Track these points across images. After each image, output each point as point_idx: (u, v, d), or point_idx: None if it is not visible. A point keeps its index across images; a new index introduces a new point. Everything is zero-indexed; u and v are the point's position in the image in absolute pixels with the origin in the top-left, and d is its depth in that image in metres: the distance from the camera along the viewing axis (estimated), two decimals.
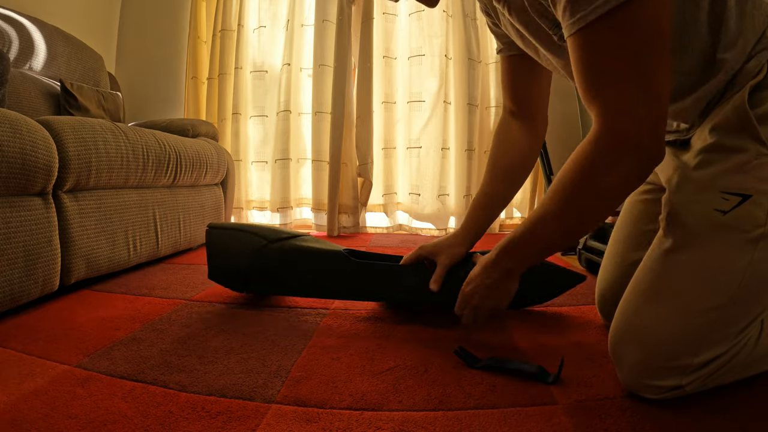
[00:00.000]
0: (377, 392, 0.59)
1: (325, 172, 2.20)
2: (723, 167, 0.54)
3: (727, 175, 0.53)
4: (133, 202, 1.28)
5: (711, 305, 0.53)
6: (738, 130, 0.54)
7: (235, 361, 0.68)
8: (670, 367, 0.54)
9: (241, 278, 0.97)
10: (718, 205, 0.53)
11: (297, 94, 2.29)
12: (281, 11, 2.31)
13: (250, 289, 0.99)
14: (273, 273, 0.94)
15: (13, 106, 1.43)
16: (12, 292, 0.86)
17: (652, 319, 0.55)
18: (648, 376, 0.55)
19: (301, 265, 0.92)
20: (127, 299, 1.02)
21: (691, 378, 0.54)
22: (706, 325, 0.53)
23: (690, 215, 0.55)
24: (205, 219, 1.72)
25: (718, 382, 0.56)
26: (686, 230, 0.55)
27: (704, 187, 0.55)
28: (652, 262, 0.58)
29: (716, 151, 0.55)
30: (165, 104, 2.47)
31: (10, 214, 0.86)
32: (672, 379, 0.54)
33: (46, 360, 0.68)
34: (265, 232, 0.96)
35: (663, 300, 0.55)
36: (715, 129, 0.56)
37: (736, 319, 0.53)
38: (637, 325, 0.56)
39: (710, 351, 0.53)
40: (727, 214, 0.52)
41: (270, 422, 0.52)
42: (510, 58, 0.82)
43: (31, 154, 0.88)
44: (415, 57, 2.22)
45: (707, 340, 0.53)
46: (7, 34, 1.57)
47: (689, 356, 0.53)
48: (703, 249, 0.54)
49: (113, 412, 0.53)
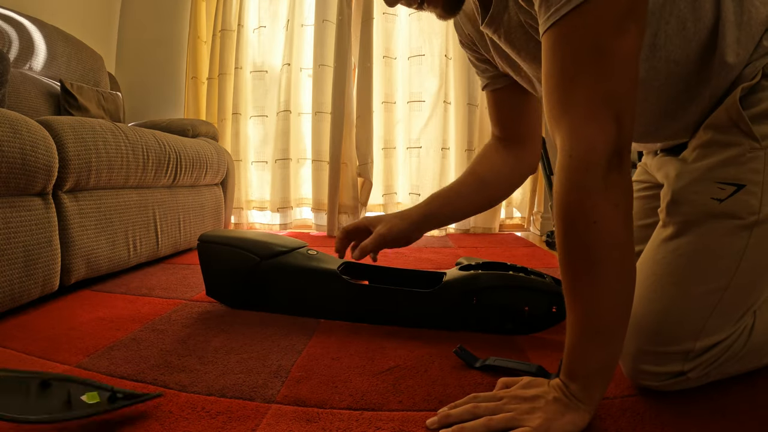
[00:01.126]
0: (377, 392, 0.59)
1: (325, 172, 2.20)
2: (718, 159, 0.56)
3: (722, 166, 0.55)
4: (133, 202, 1.28)
5: (710, 288, 0.54)
6: (731, 128, 0.55)
7: (235, 361, 0.68)
8: (671, 352, 0.54)
9: (239, 297, 0.94)
10: (715, 194, 0.55)
11: (297, 94, 2.29)
12: (281, 11, 2.31)
13: (251, 307, 0.94)
14: (267, 292, 0.92)
15: (13, 106, 1.43)
16: (12, 292, 0.86)
17: (653, 305, 0.56)
18: (649, 361, 0.55)
19: (293, 284, 0.90)
20: (127, 299, 1.02)
21: (694, 364, 0.54)
22: (706, 309, 0.54)
23: (688, 204, 0.57)
24: (206, 219, 1.72)
25: (719, 372, 0.56)
26: (685, 218, 0.57)
27: (701, 178, 0.56)
28: (652, 251, 0.59)
29: (711, 146, 0.57)
30: (165, 104, 2.47)
31: (10, 214, 0.86)
32: (674, 365, 0.54)
33: (46, 360, 0.68)
34: (259, 247, 0.92)
35: (663, 285, 0.56)
36: (709, 127, 0.58)
37: (735, 305, 0.54)
38: (638, 313, 0.56)
39: (711, 336, 0.54)
40: (723, 203, 0.54)
41: (270, 422, 0.52)
42: (497, 93, 0.81)
43: (31, 154, 0.88)
44: (415, 57, 2.22)
45: (708, 325, 0.54)
46: (7, 34, 1.57)
47: (690, 340, 0.54)
48: (701, 235, 0.55)
49: (113, 412, 0.53)
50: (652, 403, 0.55)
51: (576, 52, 0.45)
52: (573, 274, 0.48)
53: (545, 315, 0.79)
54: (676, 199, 0.58)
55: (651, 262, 0.59)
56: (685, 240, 0.56)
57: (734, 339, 0.55)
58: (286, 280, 0.90)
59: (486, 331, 0.81)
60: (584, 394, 0.48)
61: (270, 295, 0.92)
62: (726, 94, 0.57)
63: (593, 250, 0.46)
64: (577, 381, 0.48)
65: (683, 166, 0.59)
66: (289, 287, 0.90)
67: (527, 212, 2.33)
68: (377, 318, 0.86)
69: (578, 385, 0.48)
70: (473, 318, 0.81)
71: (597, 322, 0.47)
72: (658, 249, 0.59)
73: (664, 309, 0.55)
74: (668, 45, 0.55)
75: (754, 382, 0.59)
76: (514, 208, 2.41)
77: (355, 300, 0.86)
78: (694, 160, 0.58)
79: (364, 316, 0.87)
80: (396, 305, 0.84)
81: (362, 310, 0.86)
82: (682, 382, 0.55)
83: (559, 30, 0.46)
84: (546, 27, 0.47)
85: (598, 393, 0.49)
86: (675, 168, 0.60)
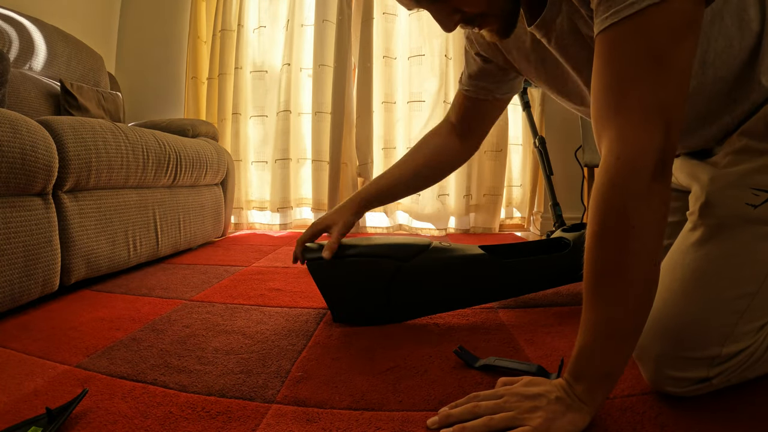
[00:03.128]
0: (377, 392, 0.59)
1: (325, 172, 2.20)
2: (753, 166, 0.56)
3: (757, 173, 0.55)
4: (133, 202, 1.28)
5: (740, 293, 0.53)
6: (766, 136, 0.55)
7: (235, 361, 0.68)
8: (697, 357, 0.53)
9: (381, 311, 0.85)
10: (749, 200, 0.54)
11: (297, 94, 2.29)
12: (281, 11, 2.31)
13: (392, 320, 0.86)
14: (410, 296, 0.85)
15: (13, 106, 1.43)
16: (12, 292, 0.86)
17: (680, 309, 0.55)
18: (674, 367, 0.54)
19: (442, 279, 0.85)
20: (127, 299, 1.02)
21: (719, 370, 0.54)
22: (734, 315, 0.53)
23: (722, 207, 0.56)
24: (206, 219, 1.72)
25: (740, 378, 0.56)
26: (719, 221, 0.56)
27: (736, 183, 0.56)
28: (679, 255, 0.58)
29: (745, 152, 0.57)
30: (165, 104, 2.47)
31: (10, 214, 0.86)
32: (699, 371, 0.54)
33: (46, 360, 0.68)
34: (394, 251, 0.84)
35: (691, 289, 0.55)
36: (744, 133, 0.58)
37: (763, 311, 0.54)
38: (665, 316, 0.55)
39: (737, 343, 0.53)
40: (758, 208, 0.54)
41: (270, 422, 0.52)
42: (473, 100, 0.85)
43: (31, 154, 0.88)
44: (415, 57, 2.22)
45: (736, 331, 0.53)
46: (7, 34, 1.57)
47: (717, 346, 0.53)
48: (733, 240, 0.55)
49: (113, 412, 0.53)
50: (652, 403, 0.55)
51: (635, 57, 0.45)
52: (600, 275, 0.48)
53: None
54: (710, 202, 0.57)
55: (679, 266, 0.58)
56: (715, 244, 0.56)
57: (757, 346, 0.55)
58: (434, 277, 0.85)
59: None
60: (588, 396, 0.48)
61: (414, 299, 0.86)
62: (760, 107, 0.56)
63: (626, 254, 0.46)
64: (583, 382, 0.48)
65: (716, 170, 0.58)
66: (439, 284, 0.85)
67: (527, 212, 2.33)
68: (528, 288, 0.93)
69: (583, 386, 0.48)
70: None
71: (615, 325, 0.47)
72: (687, 253, 0.58)
73: (692, 313, 0.54)
74: (716, 62, 0.55)
75: (755, 383, 0.59)
76: (514, 208, 2.41)
77: (507, 276, 0.90)
78: (727, 165, 0.58)
79: (516, 290, 0.93)
80: (540, 273, 0.91)
81: (514, 286, 0.92)
82: (705, 388, 0.55)
83: (619, 32, 0.45)
84: (604, 26, 0.47)
85: (601, 396, 0.48)
86: (707, 172, 0.59)
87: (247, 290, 1.10)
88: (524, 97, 1.87)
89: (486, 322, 0.86)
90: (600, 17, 0.47)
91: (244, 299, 1.02)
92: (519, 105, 2.07)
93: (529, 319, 0.88)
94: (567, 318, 0.88)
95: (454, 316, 0.90)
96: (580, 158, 1.88)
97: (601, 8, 0.47)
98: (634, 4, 0.44)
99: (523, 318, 0.89)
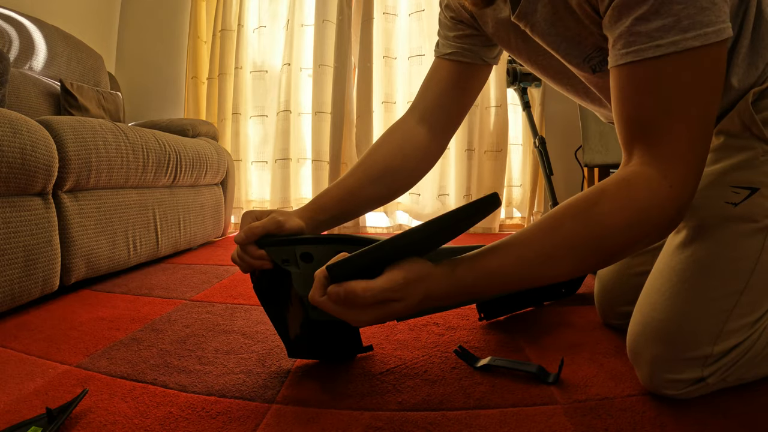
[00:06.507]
0: (377, 392, 0.59)
1: (325, 172, 2.19)
2: (731, 163, 0.56)
3: (736, 170, 0.55)
4: (133, 202, 1.28)
5: (727, 291, 0.54)
6: (743, 132, 0.56)
7: (235, 362, 0.68)
8: (690, 358, 0.54)
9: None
10: (729, 198, 0.55)
11: (297, 94, 2.29)
12: (281, 11, 2.31)
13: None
14: None
15: (13, 106, 1.43)
16: (12, 292, 0.86)
17: (671, 311, 0.55)
18: (669, 369, 0.55)
19: None
20: (127, 299, 1.02)
21: (713, 369, 0.54)
22: (723, 313, 0.54)
23: (703, 209, 0.57)
24: (206, 219, 1.72)
25: (737, 377, 0.56)
26: (700, 222, 0.57)
27: (715, 182, 0.57)
28: (666, 258, 0.59)
29: (724, 150, 0.57)
30: (165, 104, 2.47)
31: (10, 214, 0.86)
32: (693, 371, 0.54)
33: (46, 360, 0.68)
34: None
35: (680, 291, 0.56)
36: (721, 132, 0.58)
37: (752, 307, 0.54)
38: (656, 319, 0.56)
39: (729, 340, 0.54)
40: (738, 206, 0.54)
41: (270, 422, 0.52)
42: (454, 64, 0.71)
43: (31, 154, 0.88)
44: (415, 57, 2.22)
45: (726, 328, 0.54)
46: (7, 34, 1.57)
47: (709, 345, 0.54)
48: (716, 239, 0.55)
49: (113, 412, 0.53)
50: (652, 403, 0.55)
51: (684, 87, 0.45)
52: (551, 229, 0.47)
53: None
54: (692, 203, 0.58)
55: (666, 270, 0.58)
56: (699, 244, 0.56)
57: (753, 342, 0.55)
58: None
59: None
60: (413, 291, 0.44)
61: None
62: (733, 106, 0.57)
63: (591, 239, 0.46)
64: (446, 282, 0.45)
65: None
66: None
67: (527, 212, 2.32)
68: (520, 304, 0.91)
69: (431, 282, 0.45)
70: None
71: (512, 278, 0.46)
72: (672, 255, 0.58)
73: (681, 315, 0.55)
74: None
75: (755, 384, 0.59)
76: (514, 208, 2.40)
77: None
78: (707, 163, 0.58)
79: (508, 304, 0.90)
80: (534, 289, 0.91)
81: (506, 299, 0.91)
82: (702, 389, 0.55)
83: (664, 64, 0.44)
84: (623, 61, 0.46)
85: (417, 300, 0.44)
86: None
87: (247, 290, 1.10)
88: (524, 97, 1.87)
89: (486, 322, 0.86)
90: (619, 50, 0.46)
91: (244, 299, 1.02)
92: (519, 105, 2.07)
93: (529, 319, 0.88)
94: (567, 319, 0.88)
95: (454, 316, 0.90)
96: (580, 158, 1.88)
97: (620, 42, 0.46)
98: (660, 47, 0.43)
99: (522, 318, 0.89)
